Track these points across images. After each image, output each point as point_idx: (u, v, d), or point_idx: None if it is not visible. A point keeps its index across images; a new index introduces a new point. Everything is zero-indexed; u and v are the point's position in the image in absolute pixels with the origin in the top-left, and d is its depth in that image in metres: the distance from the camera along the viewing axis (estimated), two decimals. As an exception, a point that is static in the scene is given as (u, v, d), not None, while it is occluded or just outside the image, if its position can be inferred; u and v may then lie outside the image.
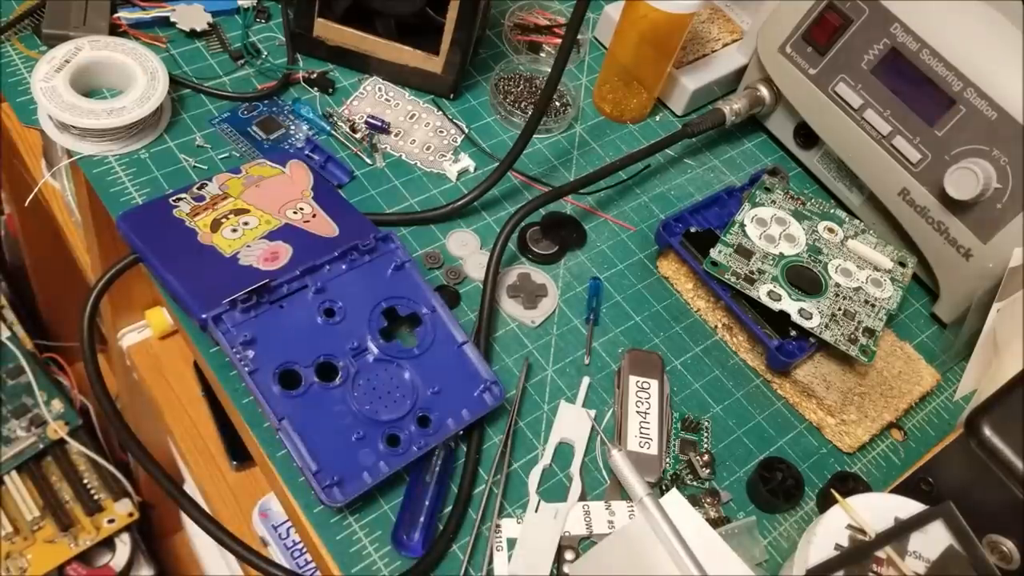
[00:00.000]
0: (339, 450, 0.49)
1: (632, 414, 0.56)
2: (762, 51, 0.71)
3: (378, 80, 0.70)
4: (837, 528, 0.49)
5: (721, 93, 0.77)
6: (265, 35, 0.71)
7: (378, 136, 0.67)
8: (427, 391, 0.52)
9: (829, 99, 0.67)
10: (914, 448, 0.60)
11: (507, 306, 0.60)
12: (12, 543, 1.03)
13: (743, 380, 0.61)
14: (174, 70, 0.66)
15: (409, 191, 0.65)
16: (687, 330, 0.63)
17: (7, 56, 0.64)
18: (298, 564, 0.93)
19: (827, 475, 0.57)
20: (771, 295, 0.59)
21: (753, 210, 0.64)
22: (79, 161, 0.61)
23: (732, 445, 0.58)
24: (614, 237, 0.67)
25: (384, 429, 0.50)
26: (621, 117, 0.74)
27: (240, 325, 0.50)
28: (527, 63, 0.74)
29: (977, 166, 0.59)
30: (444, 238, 0.63)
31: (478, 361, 0.54)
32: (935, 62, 0.62)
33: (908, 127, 0.64)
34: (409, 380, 0.52)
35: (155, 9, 0.68)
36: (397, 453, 0.50)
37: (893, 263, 0.64)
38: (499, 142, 0.70)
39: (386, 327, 0.54)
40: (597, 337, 0.61)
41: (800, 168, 0.75)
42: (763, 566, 0.53)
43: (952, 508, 0.48)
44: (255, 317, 0.51)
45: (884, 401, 0.59)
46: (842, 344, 0.58)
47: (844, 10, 0.66)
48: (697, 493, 0.55)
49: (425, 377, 0.52)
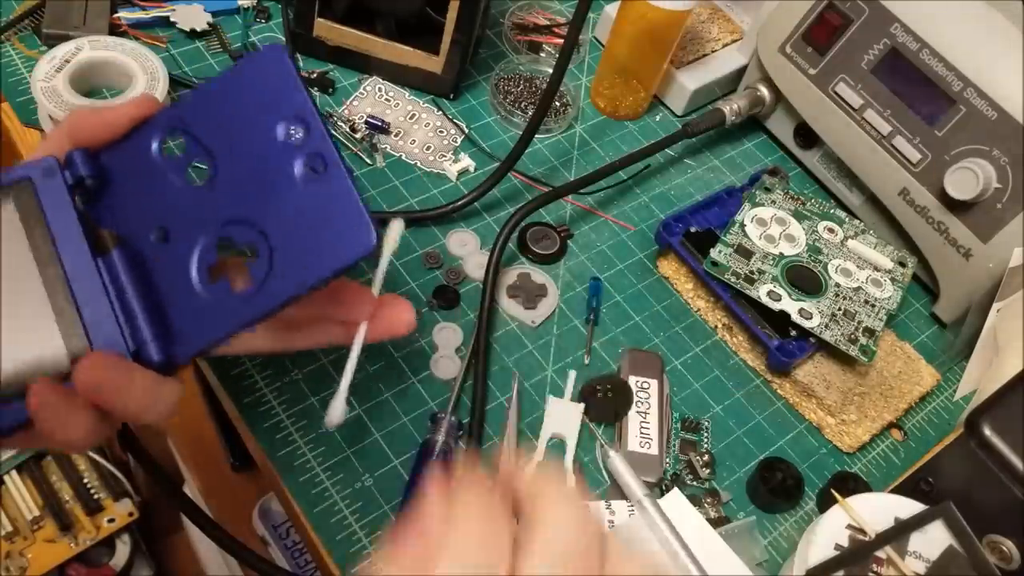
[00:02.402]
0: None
1: (632, 414, 0.56)
2: (762, 51, 0.71)
3: (378, 80, 0.70)
4: (837, 528, 0.49)
5: (721, 93, 0.77)
6: (265, 35, 0.71)
7: (378, 136, 0.67)
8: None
9: (829, 99, 0.67)
10: (914, 448, 0.60)
11: (507, 306, 0.60)
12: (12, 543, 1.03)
13: (743, 380, 0.61)
14: (174, 70, 0.66)
15: (409, 191, 0.65)
16: (687, 330, 0.63)
17: (7, 56, 0.64)
18: (298, 564, 0.93)
19: (827, 475, 0.57)
20: (771, 295, 0.59)
21: (753, 210, 0.64)
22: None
23: (732, 445, 0.58)
24: (614, 237, 0.67)
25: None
26: (616, 113, 0.74)
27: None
28: (527, 63, 0.74)
29: (977, 166, 0.59)
30: (444, 238, 0.63)
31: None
32: (935, 62, 0.62)
33: (908, 127, 0.64)
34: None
35: (155, 9, 0.68)
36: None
37: (893, 263, 0.64)
38: (499, 142, 0.70)
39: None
40: (597, 337, 0.61)
41: (800, 168, 0.75)
42: (763, 566, 0.53)
43: (952, 508, 0.48)
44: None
45: (884, 401, 0.59)
46: (842, 344, 0.58)
47: (844, 10, 0.66)
48: (697, 493, 0.55)
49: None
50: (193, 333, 0.37)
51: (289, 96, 0.37)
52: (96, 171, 0.39)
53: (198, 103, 0.39)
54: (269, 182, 0.37)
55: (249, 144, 0.38)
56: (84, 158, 0.39)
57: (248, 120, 0.38)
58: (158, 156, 0.39)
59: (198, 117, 0.39)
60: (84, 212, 0.39)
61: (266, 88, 0.38)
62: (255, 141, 0.38)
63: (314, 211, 0.37)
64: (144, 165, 0.39)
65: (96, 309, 0.37)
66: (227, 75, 0.39)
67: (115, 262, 0.38)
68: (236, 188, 0.38)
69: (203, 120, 0.39)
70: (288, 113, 0.37)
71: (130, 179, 0.39)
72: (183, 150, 0.39)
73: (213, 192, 0.38)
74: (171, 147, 0.40)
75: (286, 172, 0.37)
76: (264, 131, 0.38)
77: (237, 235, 0.37)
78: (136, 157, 0.39)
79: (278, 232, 0.37)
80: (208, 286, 0.37)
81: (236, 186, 0.38)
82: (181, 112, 0.39)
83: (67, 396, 0.34)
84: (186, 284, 0.38)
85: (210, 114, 0.39)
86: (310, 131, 0.37)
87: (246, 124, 0.38)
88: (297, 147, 0.37)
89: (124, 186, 0.39)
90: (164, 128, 0.39)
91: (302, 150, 0.37)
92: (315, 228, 0.36)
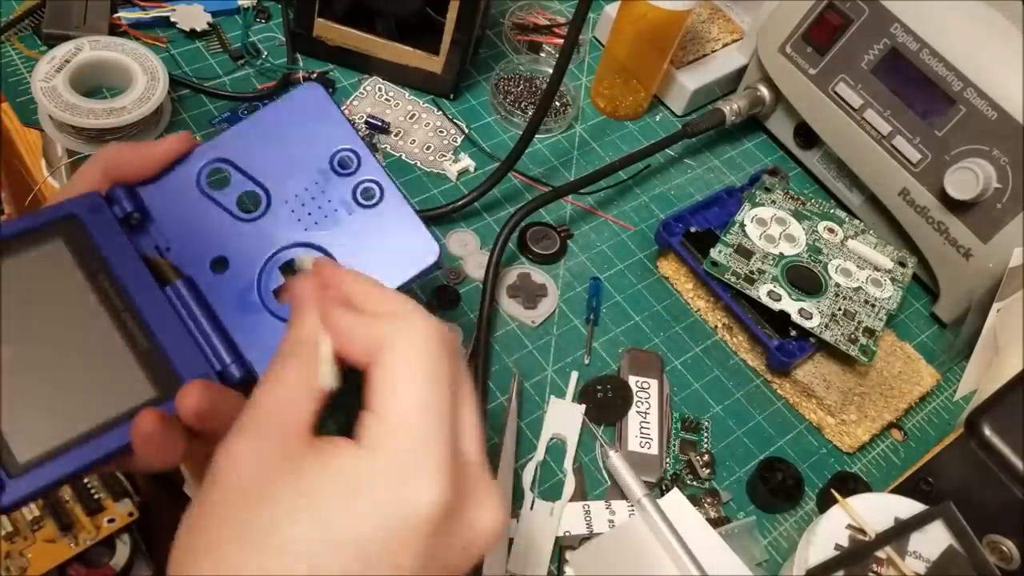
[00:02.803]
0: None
1: (632, 414, 0.56)
2: (762, 51, 0.71)
3: (378, 80, 0.70)
4: (837, 528, 0.49)
5: (721, 93, 0.77)
6: (265, 35, 0.71)
7: (378, 136, 0.67)
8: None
9: (829, 99, 0.67)
10: (914, 448, 0.60)
11: (507, 306, 0.60)
12: (12, 543, 1.03)
13: (743, 380, 0.61)
14: (174, 70, 0.66)
15: (409, 191, 0.65)
16: (687, 330, 0.63)
17: (7, 56, 0.64)
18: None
19: (827, 475, 0.57)
20: (771, 295, 0.59)
21: (753, 210, 0.64)
22: (79, 161, 0.61)
23: (732, 445, 0.58)
24: (614, 237, 0.67)
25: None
26: (615, 113, 0.74)
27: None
28: (527, 63, 0.74)
29: (977, 166, 0.59)
30: (444, 238, 0.63)
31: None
32: (935, 62, 0.62)
33: (908, 127, 0.64)
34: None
35: (155, 9, 0.68)
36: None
37: (893, 263, 0.64)
38: (499, 142, 0.70)
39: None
40: (597, 337, 0.61)
41: (800, 168, 0.75)
42: (763, 566, 0.53)
43: (952, 508, 0.48)
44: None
45: (884, 401, 0.59)
46: (842, 344, 0.58)
47: (844, 10, 0.66)
48: (697, 493, 0.55)
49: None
50: (267, 350, 0.38)
51: (335, 130, 0.42)
52: (138, 206, 0.39)
53: (237, 139, 0.41)
54: (327, 209, 0.41)
55: (300, 175, 0.41)
56: (127, 193, 0.39)
57: (295, 153, 0.41)
58: (205, 189, 0.40)
59: (240, 151, 0.41)
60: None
61: (308, 123, 0.41)
62: (306, 172, 0.41)
63: (376, 232, 0.41)
64: (190, 198, 0.40)
65: (176, 339, 0.37)
66: (264, 113, 0.41)
67: (181, 291, 0.38)
68: (292, 216, 0.41)
69: (246, 154, 0.41)
70: (336, 146, 0.41)
71: (174, 212, 0.40)
72: (228, 183, 0.40)
73: (268, 220, 0.40)
74: (216, 180, 0.41)
75: (342, 199, 0.41)
76: (314, 162, 0.41)
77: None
78: (180, 191, 0.40)
79: (342, 253, 0.40)
80: (277, 306, 0.39)
81: (292, 214, 0.41)
82: (222, 147, 0.41)
83: (166, 424, 0.34)
84: (253, 306, 0.39)
85: (252, 148, 0.41)
86: (362, 162, 0.41)
87: (294, 156, 0.41)
88: (350, 175, 0.41)
89: (168, 219, 0.40)
90: (208, 162, 0.40)
91: (355, 178, 0.41)
92: (379, 247, 0.41)
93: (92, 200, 0.38)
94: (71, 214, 0.37)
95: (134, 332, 0.37)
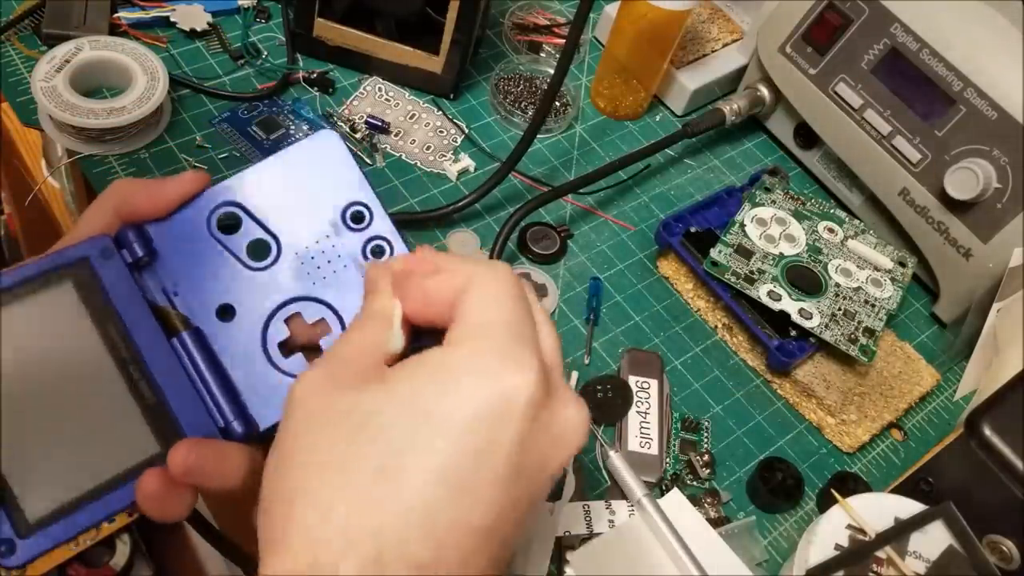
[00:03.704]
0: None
1: (632, 414, 0.56)
2: (762, 51, 0.71)
3: (378, 80, 0.70)
4: (837, 528, 0.49)
5: (721, 93, 0.77)
6: (265, 35, 0.71)
7: (378, 136, 0.67)
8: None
9: (829, 99, 0.67)
10: (914, 448, 0.60)
11: (507, 306, 0.60)
12: (12, 543, 1.03)
13: (743, 380, 0.61)
14: (174, 70, 0.66)
15: (409, 191, 0.65)
16: (687, 330, 0.63)
17: (7, 56, 0.64)
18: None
19: (827, 475, 0.57)
20: (771, 295, 0.59)
21: (753, 210, 0.64)
22: (79, 161, 0.61)
23: (732, 445, 0.58)
24: (614, 237, 0.67)
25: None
26: (615, 113, 0.74)
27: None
28: (527, 63, 0.74)
29: (977, 166, 0.59)
30: (444, 238, 0.63)
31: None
32: (935, 62, 0.62)
33: (908, 127, 0.64)
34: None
35: (155, 9, 0.68)
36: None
37: (893, 263, 0.64)
38: (499, 142, 0.70)
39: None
40: (597, 337, 0.61)
41: (800, 168, 0.75)
42: (763, 566, 0.53)
43: (952, 508, 0.48)
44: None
45: (884, 401, 0.59)
46: (842, 344, 0.58)
47: (844, 10, 0.66)
48: (697, 493, 0.55)
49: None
50: (273, 405, 0.38)
51: (348, 182, 0.40)
52: (147, 248, 0.38)
53: (250, 183, 0.40)
54: (336, 264, 0.39)
55: (311, 226, 0.40)
56: (138, 236, 0.38)
57: (307, 202, 0.40)
58: (214, 233, 0.39)
59: (253, 196, 0.40)
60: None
61: (323, 172, 0.40)
62: (316, 222, 0.40)
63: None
64: (199, 240, 0.39)
65: (181, 394, 0.37)
66: (279, 156, 0.40)
67: (188, 343, 0.37)
68: (302, 268, 0.39)
69: (258, 199, 0.40)
70: (349, 198, 0.40)
71: (183, 253, 0.39)
72: (238, 228, 0.39)
73: (277, 271, 0.39)
74: (226, 225, 0.40)
75: (351, 254, 0.40)
76: (324, 213, 0.40)
77: (306, 312, 0.39)
78: (189, 233, 0.39)
79: (349, 309, 0.39)
80: (282, 360, 0.38)
81: (302, 266, 0.39)
82: (235, 191, 0.40)
83: (169, 482, 0.34)
84: (258, 359, 0.38)
85: (265, 194, 0.40)
86: (373, 218, 0.40)
87: (305, 205, 0.40)
88: (360, 231, 0.40)
89: (176, 260, 0.39)
90: (218, 205, 0.39)
91: (365, 233, 0.40)
92: None
93: (103, 244, 0.37)
94: (82, 257, 0.37)
95: (140, 385, 0.36)
